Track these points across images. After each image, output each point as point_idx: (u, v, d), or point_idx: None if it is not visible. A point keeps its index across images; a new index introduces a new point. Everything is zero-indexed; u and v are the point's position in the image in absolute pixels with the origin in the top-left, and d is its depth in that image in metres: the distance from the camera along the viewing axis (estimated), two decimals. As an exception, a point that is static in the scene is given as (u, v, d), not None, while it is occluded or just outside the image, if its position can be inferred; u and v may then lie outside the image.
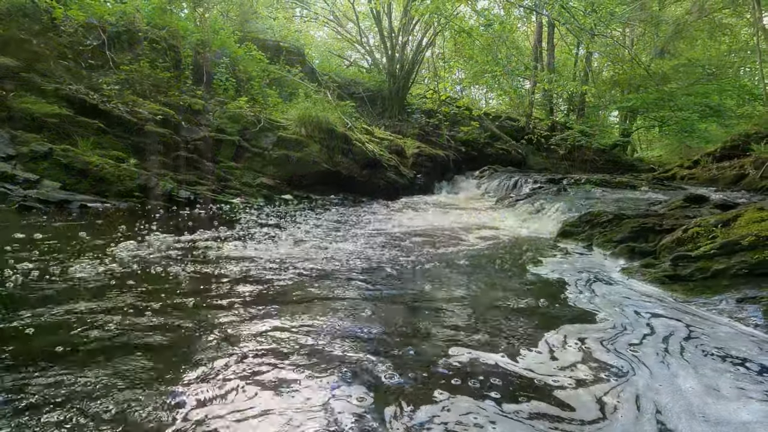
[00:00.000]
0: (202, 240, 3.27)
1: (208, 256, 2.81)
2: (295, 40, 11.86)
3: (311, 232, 3.94)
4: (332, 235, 3.83)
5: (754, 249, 2.17)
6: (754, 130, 8.97)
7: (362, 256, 3.07)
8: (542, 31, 16.74)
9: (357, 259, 2.97)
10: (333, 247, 3.31)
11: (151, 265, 2.50)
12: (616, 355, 1.54)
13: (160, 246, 2.96)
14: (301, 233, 3.79)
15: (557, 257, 3.26)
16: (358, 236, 3.83)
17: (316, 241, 3.49)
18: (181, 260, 2.67)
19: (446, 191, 9.40)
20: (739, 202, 4.55)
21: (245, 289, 2.17)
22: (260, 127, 6.86)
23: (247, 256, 2.88)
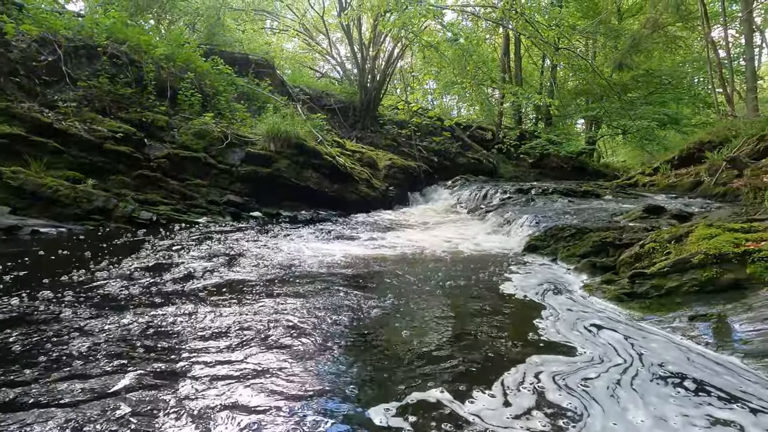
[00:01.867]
0: (148, 272, 3.15)
1: (150, 292, 2.70)
2: (265, 53, 11.75)
3: (268, 257, 3.86)
4: (291, 259, 3.77)
5: (703, 267, 2.25)
6: (708, 138, 9.44)
7: (316, 283, 3.02)
8: (509, 43, 17.23)
9: (309, 288, 2.91)
10: (285, 276, 3.24)
11: (70, 307, 2.38)
12: (569, 393, 1.54)
13: (90, 282, 2.83)
14: (255, 260, 3.70)
15: (521, 275, 3.30)
16: (316, 259, 3.78)
17: (271, 269, 3.41)
18: (109, 301, 2.55)
19: (418, 203, 9.45)
20: (694, 212, 4.75)
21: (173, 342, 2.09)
22: (227, 143, 6.73)
23: (190, 290, 2.78)
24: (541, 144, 15.15)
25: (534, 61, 20.07)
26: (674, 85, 17.04)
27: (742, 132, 8.35)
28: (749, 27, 12.85)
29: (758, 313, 1.93)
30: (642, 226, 4.08)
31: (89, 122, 5.76)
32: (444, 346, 2.00)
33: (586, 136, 19.18)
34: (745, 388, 1.67)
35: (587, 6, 17.21)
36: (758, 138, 7.45)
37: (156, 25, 10.12)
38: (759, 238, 2.31)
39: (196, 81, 7.58)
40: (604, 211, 5.67)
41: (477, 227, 5.98)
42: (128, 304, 2.36)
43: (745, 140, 7.73)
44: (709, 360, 1.87)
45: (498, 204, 7.21)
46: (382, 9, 8.64)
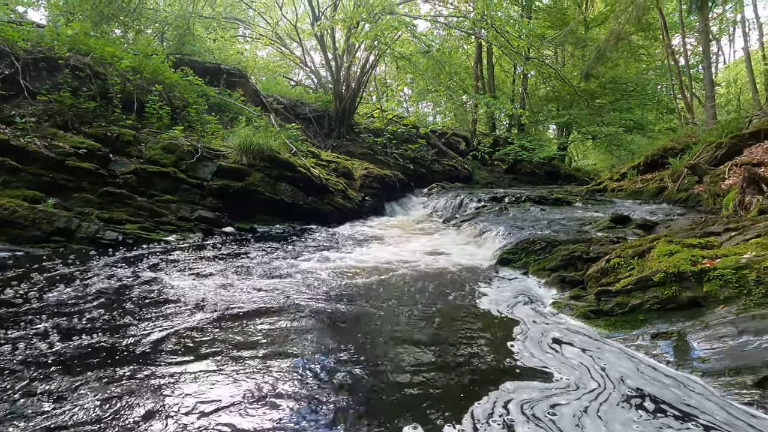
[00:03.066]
0: (94, 299, 3.04)
1: (100, 322, 2.60)
2: (237, 62, 11.59)
3: (236, 275, 3.79)
4: (259, 279, 3.70)
5: (663, 285, 2.33)
6: (671, 145, 9.83)
7: (281, 305, 2.97)
8: (481, 52, 17.57)
9: (275, 310, 2.87)
10: (252, 298, 3.18)
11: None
12: (536, 424, 1.56)
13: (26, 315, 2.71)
14: (223, 278, 3.62)
15: (493, 291, 3.34)
16: (285, 278, 3.72)
17: (234, 291, 3.35)
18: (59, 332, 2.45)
19: (395, 212, 9.47)
20: (658, 221, 4.92)
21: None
22: (198, 157, 6.58)
23: (146, 318, 2.69)
24: (515, 150, 15.47)
25: (506, 69, 20.52)
26: (639, 91, 17.74)
27: (701, 139, 8.75)
28: (706, 37, 13.50)
29: (714, 331, 2.00)
30: (609, 237, 4.20)
31: (50, 138, 5.52)
32: (416, 375, 1.99)
33: (557, 142, 19.70)
34: (702, 406, 1.73)
35: (555, 17, 17.75)
36: (716, 145, 7.81)
37: (122, 35, 9.84)
38: (714, 255, 2.40)
39: (164, 93, 7.40)
40: (574, 220, 5.82)
41: (452, 238, 6.03)
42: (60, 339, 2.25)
43: (705, 147, 8.09)
44: (670, 378, 1.93)
45: (472, 213, 7.29)
46: (354, 21, 8.67)
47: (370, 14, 8.37)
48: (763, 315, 1.90)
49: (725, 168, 6.83)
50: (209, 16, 12.09)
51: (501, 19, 10.15)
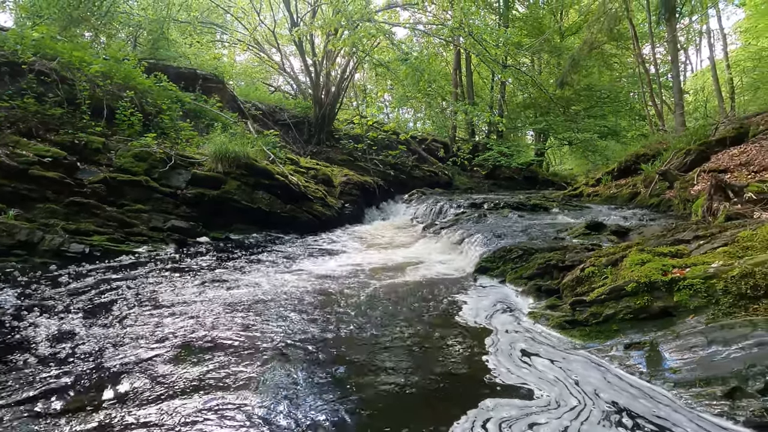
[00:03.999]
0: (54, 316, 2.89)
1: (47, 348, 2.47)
2: (214, 68, 11.39)
3: (204, 291, 3.67)
4: (228, 295, 3.60)
5: (636, 295, 2.34)
6: (643, 151, 10.11)
7: (254, 322, 2.89)
8: (460, 59, 17.79)
9: (244, 328, 2.79)
10: (220, 321, 3.09)
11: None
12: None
13: None
14: (189, 296, 3.51)
15: (471, 301, 3.32)
16: (258, 293, 3.63)
17: (199, 311, 3.24)
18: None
19: (375, 219, 9.43)
20: (631, 227, 5.02)
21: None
22: (171, 165, 6.41)
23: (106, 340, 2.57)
24: (494, 156, 15.66)
25: (484, 76, 20.83)
26: (612, 99, 18.24)
27: (672, 146, 9.02)
28: (674, 47, 13.99)
29: (685, 341, 2.02)
30: (584, 244, 4.25)
31: (12, 146, 5.28)
32: (393, 393, 1.95)
33: (535, 148, 20.05)
34: (673, 418, 1.73)
35: (532, 25, 18.12)
36: (685, 152, 8.06)
37: (93, 39, 9.55)
38: (684, 264, 2.44)
39: (136, 99, 7.18)
40: (551, 226, 5.88)
41: (431, 246, 6.02)
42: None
43: (674, 154, 8.34)
44: (643, 391, 1.93)
45: (452, 220, 7.30)
46: (333, 27, 8.64)
47: (348, 21, 8.35)
48: (731, 325, 1.93)
49: (694, 174, 7.04)
50: (185, 20, 11.87)
51: (479, 28, 10.28)
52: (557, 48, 17.96)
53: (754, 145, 7.06)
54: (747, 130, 7.78)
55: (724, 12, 22.27)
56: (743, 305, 2.01)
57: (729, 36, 21.67)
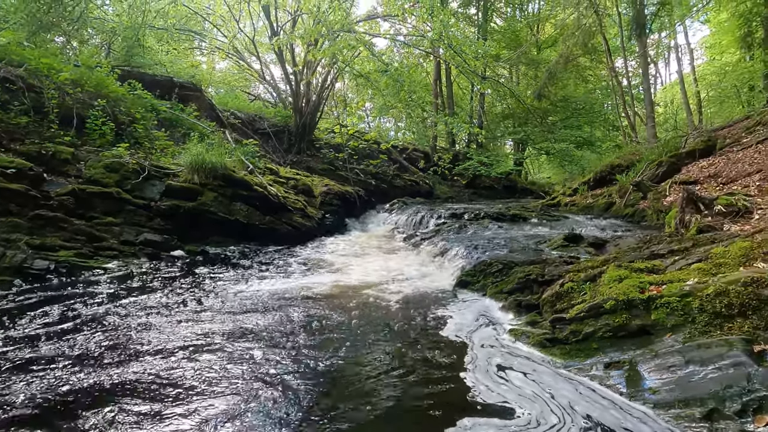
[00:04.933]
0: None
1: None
2: (191, 76, 11.18)
3: (173, 311, 3.54)
4: (199, 315, 3.48)
5: (614, 312, 2.35)
6: (617, 162, 10.37)
7: (223, 346, 2.79)
8: (440, 69, 18.00)
9: (214, 347, 2.68)
10: (188, 344, 2.97)
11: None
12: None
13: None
14: (156, 316, 3.37)
15: (451, 316, 3.29)
16: (229, 312, 3.51)
17: (166, 333, 3.12)
18: None
19: (356, 230, 9.35)
20: (608, 239, 5.10)
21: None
22: (145, 176, 6.21)
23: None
24: (473, 166, 15.83)
25: (464, 86, 21.13)
26: (587, 110, 18.74)
27: (644, 157, 9.29)
28: (645, 61, 14.50)
29: (663, 360, 2.03)
30: (563, 256, 4.28)
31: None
32: (372, 414, 1.88)
33: (514, 157, 20.38)
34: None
35: (510, 38, 18.52)
36: (657, 163, 8.31)
37: (65, 45, 9.26)
38: (660, 281, 2.47)
39: (109, 108, 6.96)
40: (530, 237, 5.94)
41: (412, 258, 5.98)
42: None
43: (647, 165, 8.58)
44: (623, 411, 1.92)
45: (433, 231, 7.30)
46: (313, 38, 8.60)
47: (329, 31, 8.33)
48: (707, 344, 1.94)
49: (666, 185, 7.25)
50: (161, 27, 11.64)
51: (458, 39, 10.42)
52: (534, 60, 18.39)
53: (721, 157, 7.33)
54: (714, 142, 8.08)
55: (690, 28, 23.28)
56: (719, 324, 2.03)
57: (695, 51, 22.64)
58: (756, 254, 2.37)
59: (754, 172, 6.10)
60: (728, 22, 14.91)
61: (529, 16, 19.88)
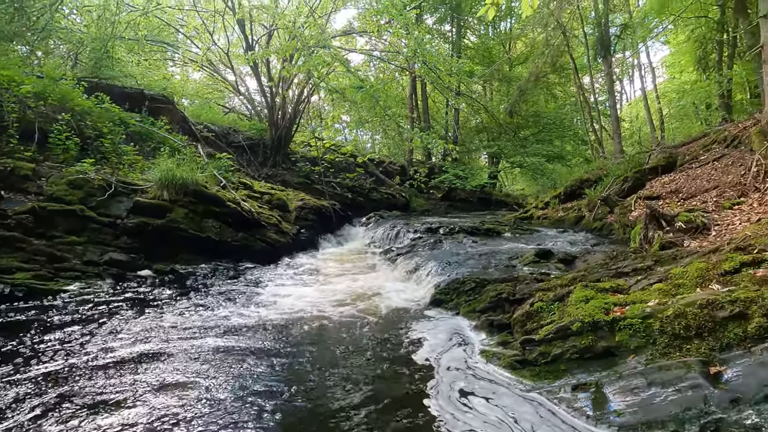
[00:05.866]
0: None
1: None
2: (162, 88, 10.96)
3: (134, 339, 3.42)
4: (161, 340, 3.36)
5: (581, 334, 2.40)
6: (586, 176, 10.72)
7: (186, 376, 2.70)
8: (416, 84, 18.28)
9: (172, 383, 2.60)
10: (148, 379, 2.87)
11: None
12: None
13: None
14: (113, 345, 3.25)
15: (424, 337, 3.29)
16: (196, 333, 3.42)
17: (125, 368, 3.01)
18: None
19: (332, 245, 9.29)
20: (577, 255, 5.24)
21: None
22: (111, 193, 6.01)
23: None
24: (449, 179, 16.05)
25: (439, 101, 21.50)
26: (557, 125, 19.37)
27: (611, 172, 9.64)
28: (610, 79, 15.13)
29: (627, 382, 2.08)
30: (534, 273, 4.37)
31: None
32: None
33: (488, 171, 20.80)
34: (621, 467, 1.75)
35: (483, 55, 19.02)
36: (623, 179, 8.63)
37: (28, 56, 8.93)
38: (624, 301, 2.54)
39: (74, 121, 6.72)
40: (503, 252, 6.03)
41: (387, 274, 5.98)
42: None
43: (614, 180, 8.90)
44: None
45: (408, 246, 7.32)
46: (287, 53, 8.60)
47: (304, 47, 8.35)
48: (668, 366, 2.01)
49: (631, 200, 7.52)
50: (132, 38, 11.40)
51: (432, 56, 10.62)
52: (507, 76, 18.94)
53: (682, 173, 7.68)
54: (675, 159, 8.47)
55: (652, 48, 24.51)
56: (678, 345, 2.10)
57: (657, 69, 23.83)
58: (711, 275, 2.48)
59: (712, 188, 6.42)
60: (686, 44, 15.78)
61: (502, 34, 20.51)
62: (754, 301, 2.04)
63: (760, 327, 1.94)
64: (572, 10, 13.97)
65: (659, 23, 15.29)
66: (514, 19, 20.43)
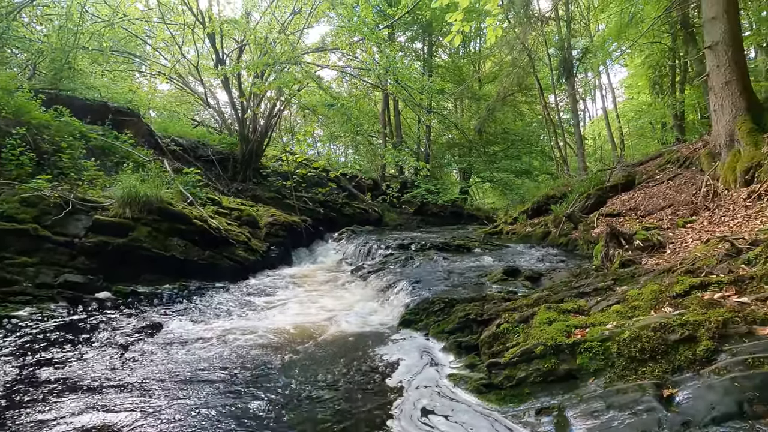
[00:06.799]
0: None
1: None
2: (127, 101, 10.65)
3: (78, 370, 3.26)
4: (113, 372, 3.22)
5: (544, 357, 2.46)
6: (552, 193, 11.09)
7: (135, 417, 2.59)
8: (388, 100, 18.54)
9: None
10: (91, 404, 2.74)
11: None
12: None
13: None
14: (53, 382, 3.08)
15: (393, 359, 3.28)
16: (150, 363, 3.29)
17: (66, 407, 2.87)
18: None
19: (303, 261, 9.17)
20: (542, 272, 5.39)
21: None
22: (69, 211, 5.74)
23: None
24: (421, 194, 16.24)
25: (411, 116, 21.86)
26: (525, 141, 20.03)
27: (575, 189, 10.02)
28: (573, 100, 15.81)
29: (588, 405, 2.13)
30: (502, 292, 4.45)
31: None
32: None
33: (460, 185, 21.20)
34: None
35: (453, 73, 19.53)
36: (586, 196, 8.98)
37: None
38: (585, 323, 2.62)
39: (29, 136, 6.42)
40: (473, 270, 6.12)
41: (359, 292, 5.95)
42: None
43: (578, 197, 9.25)
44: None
45: (380, 263, 7.32)
46: (258, 70, 8.55)
47: (275, 63, 8.33)
48: (624, 389, 2.07)
49: (594, 217, 7.83)
50: (96, 49, 11.05)
51: (404, 75, 10.81)
52: (476, 94, 19.49)
53: (639, 191, 8.07)
54: (634, 177, 8.90)
55: (612, 70, 25.83)
56: (634, 368, 2.18)
57: (617, 90, 25.13)
58: (664, 298, 2.60)
59: (667, 206, 6.77)
60: (642, 68, 16.75)
61: (472, 54, 21.15)
62: (701, 324, 2.14)
63: (707, 350, 2.04)
64: (537, 33, 14.60)
65: (618, 47, 16.19)
66: (484, 39, 21.17)
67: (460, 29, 3.72)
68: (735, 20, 6.73)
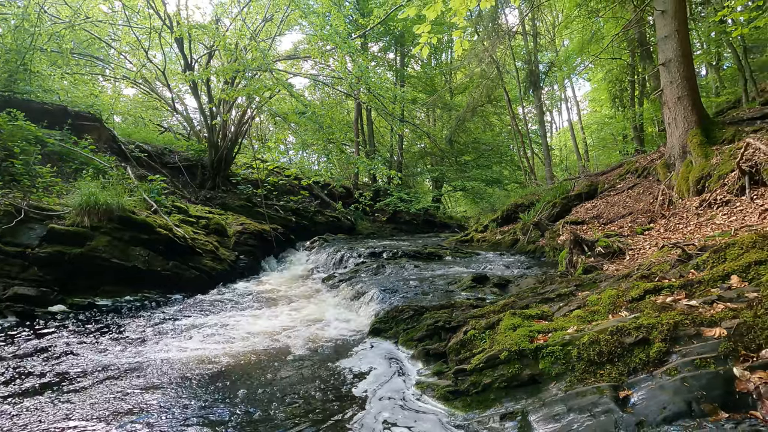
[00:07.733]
0: None
1: None
2: (89, 105, 10.24)
3: (22, 393, 3.09)
4: (67, 394, 3.07)
5: (508, 363, 2.49)
6: (521, 201, 11.38)
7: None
8: (361, 108, 18.62)
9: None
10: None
11: None
12: None
13: None
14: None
15: (362, 368, 3.25)
16: (106, 380, 3.15)
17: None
18: None
19: (274, 270, 9.01)
20: (510, 279, 5.49)
21: None
22: (20, 219, 5.44)
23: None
24: (394, 202, 16.32)
25: (385, 124, 22.03)
26: (495, 151, 20.53)
27: (542, 198, 10.33)
28: (540, 111, 16.33)
29: (550, 409, 2.17)
30: (470, 299, 4.51)
31: None
32: None
33: (432, 194, 21.45)
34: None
35: (425, 83, 19.85)
36: (552, 204, 9.26)
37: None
38: (547, 328, 2.68)
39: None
40: (443, 278, 6.17)
41: (330, 301, 5.88)
42: None
43: (544, 206, 9.53)
44: (516, 466, 2.00)
45: (351, 271, 7.29)
46: (228, 76, 8.42)
47: (246, 70, 8.22)
48: (583, 392, 2.13)
49: (560, 225, 8.07)
50: (55, 50, 10.61)
51: (376, 84, 10.90)
52: (448, 105, 19.87)
53: (602, 200, 8.39)
54: (596, 187, 9.25)
55: (576, 83, 26.92)
56: (593, 371, 2.24)
57: (582, 102, 26.20)
58: (621, 302, 2.71)
59: (627, 214, 7.07)
60: (603, 82, 17.54)
61: (443, 65, 21.59)
62: (654, 326, 2.24)
63: (659, 351, 2.13)
64: (505, 47, 15.07)
65: (581, 62, 16.90)
66: (454, 52, 21.68)
67: (428, 41, 3.79)
68: (686, 39, 7.16)
